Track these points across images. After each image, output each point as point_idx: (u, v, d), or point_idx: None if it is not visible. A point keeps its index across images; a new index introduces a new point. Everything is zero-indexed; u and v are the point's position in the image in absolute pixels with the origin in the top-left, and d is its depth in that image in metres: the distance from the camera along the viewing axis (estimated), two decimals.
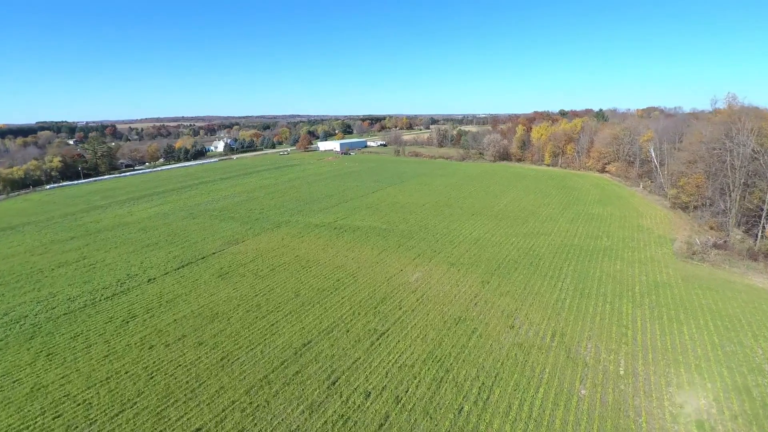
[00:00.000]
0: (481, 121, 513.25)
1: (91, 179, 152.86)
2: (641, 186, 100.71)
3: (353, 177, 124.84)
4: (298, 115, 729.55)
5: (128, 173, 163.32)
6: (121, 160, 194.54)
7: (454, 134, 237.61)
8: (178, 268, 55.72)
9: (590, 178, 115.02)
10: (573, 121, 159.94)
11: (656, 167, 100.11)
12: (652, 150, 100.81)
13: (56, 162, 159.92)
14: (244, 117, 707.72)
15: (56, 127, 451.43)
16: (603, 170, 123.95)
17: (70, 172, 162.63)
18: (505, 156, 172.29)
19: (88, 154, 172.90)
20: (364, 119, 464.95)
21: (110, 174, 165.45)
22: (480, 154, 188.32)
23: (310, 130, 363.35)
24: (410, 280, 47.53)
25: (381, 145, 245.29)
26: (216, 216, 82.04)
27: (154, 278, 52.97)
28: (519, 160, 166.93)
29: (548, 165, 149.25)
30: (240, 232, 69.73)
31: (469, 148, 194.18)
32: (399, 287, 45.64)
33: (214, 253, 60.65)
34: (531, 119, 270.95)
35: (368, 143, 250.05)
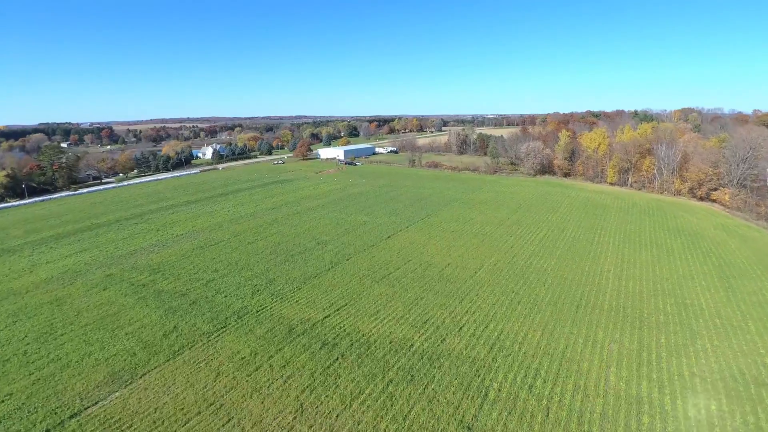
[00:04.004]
0: (491, 122, 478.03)
1: (38, 198, 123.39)
2: None
3: (360, 204, 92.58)
4: (304, 116, 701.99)
5: (87, 189, 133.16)
6: (87, 172, 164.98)
7: (475, 139, 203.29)
8: None
9: (700, 213, 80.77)
10: (640, 127, 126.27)
11: None
12: None
13: (1, 177, 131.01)
14: (248, 118, 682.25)
15: (50, 129, 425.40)
16: (705, 198, 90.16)
17: (21, 188, 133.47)
18: (547, 169, 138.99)
19: (45, 165, 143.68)
20: (371, 121, 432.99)
21: (68, 190, 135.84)
22: (512, 164, 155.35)
23: (314, 132, 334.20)
24: None
25: (391, 151, 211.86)
26: (139, 286, 50.81)
27: None
28: (566, 175, 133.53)
29: (611, 184, 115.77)
30: (152, 342, 38.16)
31: (498, 158, 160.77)
32: None
33: (59, 424, 29.10)
34: (564, 122, 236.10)
35: (377, 149, 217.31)
